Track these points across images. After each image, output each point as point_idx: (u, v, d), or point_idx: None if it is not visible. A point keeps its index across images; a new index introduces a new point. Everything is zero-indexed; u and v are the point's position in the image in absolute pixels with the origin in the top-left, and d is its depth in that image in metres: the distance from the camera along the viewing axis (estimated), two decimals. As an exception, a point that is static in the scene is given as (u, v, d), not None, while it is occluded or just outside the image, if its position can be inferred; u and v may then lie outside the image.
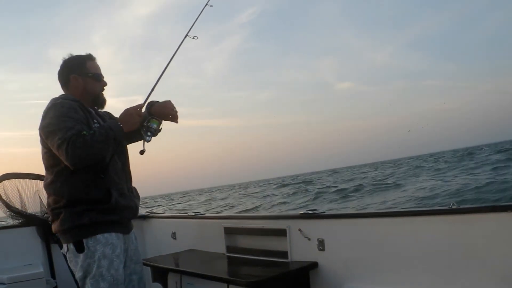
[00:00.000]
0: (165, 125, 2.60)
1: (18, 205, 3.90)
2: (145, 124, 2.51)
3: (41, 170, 2.54)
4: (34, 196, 4.01)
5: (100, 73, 2.57)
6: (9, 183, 3.88)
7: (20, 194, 3.95)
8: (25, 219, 3.88)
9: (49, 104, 2.43)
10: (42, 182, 4.00)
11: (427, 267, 2.26)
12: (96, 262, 2.33)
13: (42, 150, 2.45)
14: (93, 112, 2.56)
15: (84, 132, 2.24)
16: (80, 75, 2.51)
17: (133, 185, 2.69)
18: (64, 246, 2.44)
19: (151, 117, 2.53)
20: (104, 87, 2.59)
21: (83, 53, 2.57)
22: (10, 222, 3.96)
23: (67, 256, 2.44)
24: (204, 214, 3.87)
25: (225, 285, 2.75)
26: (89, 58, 2.56)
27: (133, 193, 2.64)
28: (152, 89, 2.61)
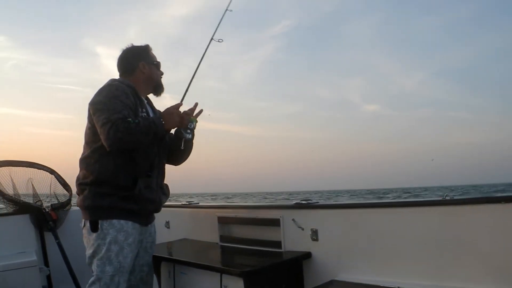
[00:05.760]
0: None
1: (11, 193, 3.89)
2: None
3: (50, 157, 2.56)
4: (27, 184, 3.99)
5: (159, 62, 2.68)
6: (2, 171, 3.86)
7: (13, 182, 3.93)
8: (18, 206, 3.86)
9: (106, 83, 2.51)
10: (35, 170, 4.02)
11: (420, 257, 2.26)
12: (106, 245, 2.36)
13: (87, 125, 2.48)
14: (145, 101, 2.61)
15: (130, 119, 2.29)
16: (147, 63, 2.61)
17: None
18: (82, 221, 2.49)
19: (191, 117, 2.58)
20: (162, 76, 2.68)
21: (140, 44, 2.67)
22: (3, 209, 3.94)
23: (83, 231, 2.49)
24: (198, 203, 3.86)
25: (218, 274, 2.74)
26: (150, 48, 2.67)
27: (163, 189, 2.67)
28: (186, 90, 2.74)
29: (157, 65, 2.65)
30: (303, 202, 2.86)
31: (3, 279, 3.29)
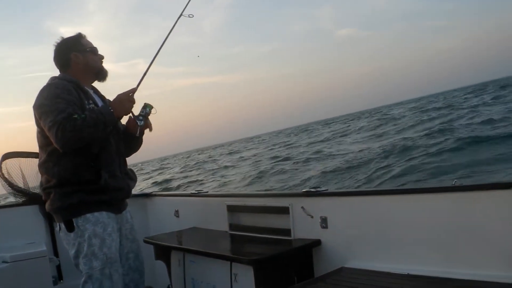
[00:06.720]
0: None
1: (20, 184, 3.90)
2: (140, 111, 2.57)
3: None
4: (36, 175, 4.00)
5: (95, 47, 2.61)
6: (11, 162, 3.87)
7: (22, 173, 3.95)
8: (28, 197, 3.88)
9: (46, 83, 2.47)
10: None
11: (429, 244, 2.25)
12: (87, 241, 2.35)
13: (37, 129, 2.46)
14: (91, 92, 2.56)
15: (75, 116, 2.25)
16: (80, 51, 2.54)
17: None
18: (57, 225, 2.48)
19: (145, 103, 2.58)
20: (102, 60, 2.62)
21: (72, 34, 2.61)
22: (13, 200, 3.96)
23: (61, 234, 2.49)
24: (207, 192, 3.87)
25: (228, 262, 2.75)
26: (81, 36, 2.59)
27: (128, 174, 2.65)
28: (145, 74, 2.64)
29: (92, 50, 2.58)
30: (312, 190, 2.85)
31: (13, 270, 3.31)
